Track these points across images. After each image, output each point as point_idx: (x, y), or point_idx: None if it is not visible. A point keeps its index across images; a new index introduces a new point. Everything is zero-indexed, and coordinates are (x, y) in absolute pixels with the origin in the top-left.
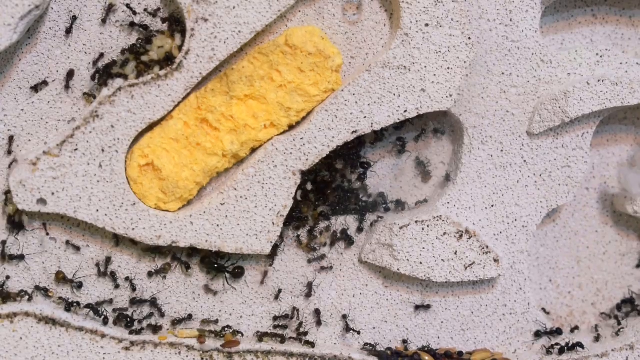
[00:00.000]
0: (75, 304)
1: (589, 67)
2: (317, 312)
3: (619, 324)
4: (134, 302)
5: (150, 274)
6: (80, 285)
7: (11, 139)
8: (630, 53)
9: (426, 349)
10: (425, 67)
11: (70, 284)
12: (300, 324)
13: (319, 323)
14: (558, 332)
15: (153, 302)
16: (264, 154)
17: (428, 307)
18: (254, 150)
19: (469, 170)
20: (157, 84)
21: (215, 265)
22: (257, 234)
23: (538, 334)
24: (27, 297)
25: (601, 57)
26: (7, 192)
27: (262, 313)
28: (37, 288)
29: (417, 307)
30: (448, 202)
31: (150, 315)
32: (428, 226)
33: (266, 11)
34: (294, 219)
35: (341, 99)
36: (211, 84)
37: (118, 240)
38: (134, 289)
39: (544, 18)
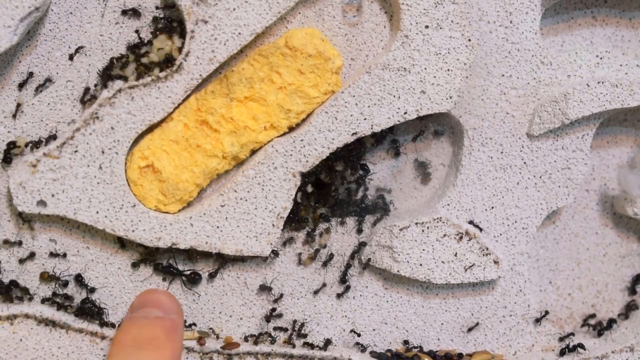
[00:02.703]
0: (68, 305)
1: (588, 68)
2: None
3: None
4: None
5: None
6: (65, 284)
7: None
8: (630, 55)
9: (421, 348)
10: (425, 68)
11: (56, 281)
12: (302, 325)
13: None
14: (613, 321)
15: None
16: (264, 156)
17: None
18: (254, 152)
19: (469, 172)
20: (157, 86)
21: (171, 270)
22: (257, 235)
23: (600, 334)
24: (28, 296)
25: (601, 58)
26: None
27: (262, 315)
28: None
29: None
30: (448, 204)
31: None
32: (428, 228)
33: (266, 13)
34: (293, 221)
35: (341, 100)
36: (211, 86)
37: (122, 243)
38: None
39: (544, 20)
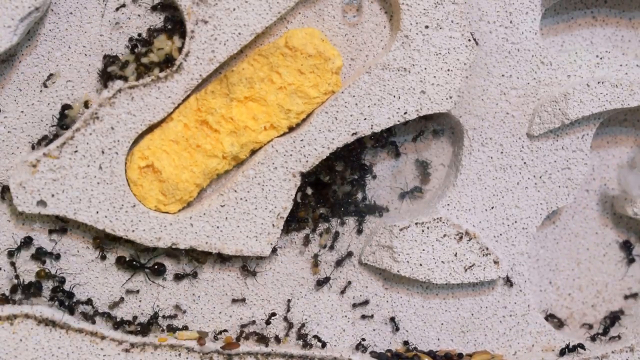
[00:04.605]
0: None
1: (588, 69)
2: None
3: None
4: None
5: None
6: (62, 281)
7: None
8: (630, 55)
9: (416, 348)
10: (425, 68)
11: (53, 279)
12: (302, 325)
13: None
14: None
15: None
16: (263, 156)
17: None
18: (254, 152)
19: (469, 172)
20: (157, 86)
21: (134, 263)
22: (257, 235)
23: (606, 332)
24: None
25: (601, 59)
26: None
27: (262, 315)
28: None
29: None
30: (448, 204)
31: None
32: (428, 228)
33: (266, 13)
34: (294, 221)
35: (341, 100)
36: (211, 86)
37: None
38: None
39: (544, 20)
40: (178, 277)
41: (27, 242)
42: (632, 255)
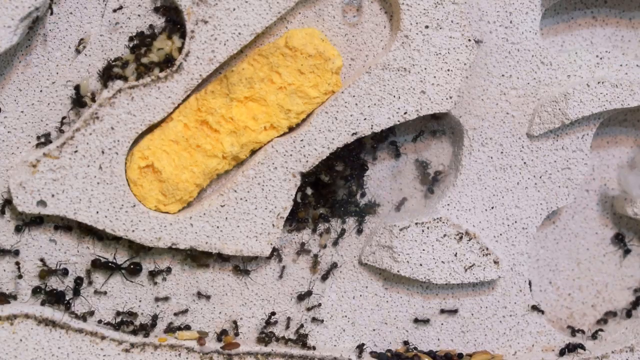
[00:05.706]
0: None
1: (588, 69)
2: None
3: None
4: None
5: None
6: (65, 272)
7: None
8: (630, 55)
9: (415, 348)
10: (425, 69)
11: (55, 274)
12: (301, 325)
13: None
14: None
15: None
16: (263, 156)
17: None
18: (254, 152)
19: (469, 172)
20: (157, 86)
21: (110, 264)
22: (257, 235)
23: (629, 315)
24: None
25: (601, 59)
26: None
27: (262, 315)
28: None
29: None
30: (448, 204)
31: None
32: (428, 228)
33: (266, 13)
34: (294, 221)
35: (341, 100)
36: (211, 86)
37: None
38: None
39: (544, 20)
40: (152, 274)
41: (38, 222)
42: (626, 246)
